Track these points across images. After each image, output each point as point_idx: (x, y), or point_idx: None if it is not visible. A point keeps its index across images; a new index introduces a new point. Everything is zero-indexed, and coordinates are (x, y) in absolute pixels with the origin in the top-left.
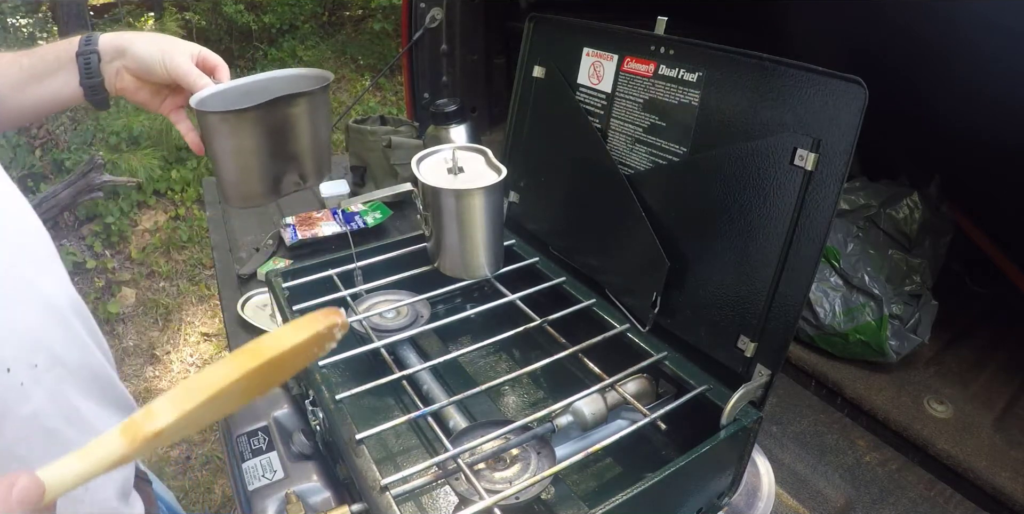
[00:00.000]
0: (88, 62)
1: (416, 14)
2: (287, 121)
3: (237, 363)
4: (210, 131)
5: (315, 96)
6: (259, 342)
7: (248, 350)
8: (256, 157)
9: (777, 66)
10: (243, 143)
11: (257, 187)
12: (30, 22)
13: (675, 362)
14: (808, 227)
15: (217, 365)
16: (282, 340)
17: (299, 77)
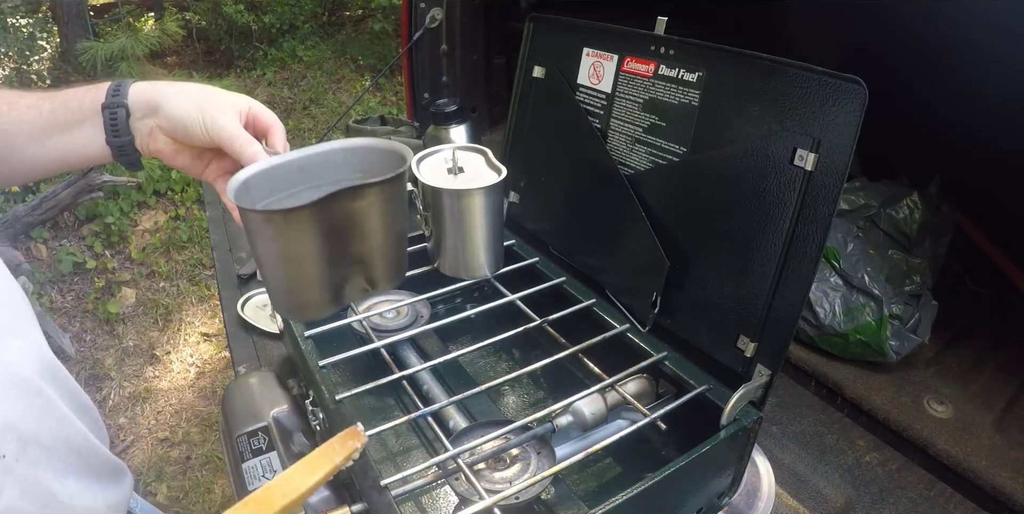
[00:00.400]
0: (115, 117)
1: (416, 14)
2: (352, 217)
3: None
4: (253, 230)
5: (388, 185)
6: (268, 489)
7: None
8: (312, 262)
9: (777, 66)
10: (294, 247)
11: (313, 297)
12: (30, 22)
13: (675, 362)
14: (808, 227)
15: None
16: (294, 485)
17: (367, 150)
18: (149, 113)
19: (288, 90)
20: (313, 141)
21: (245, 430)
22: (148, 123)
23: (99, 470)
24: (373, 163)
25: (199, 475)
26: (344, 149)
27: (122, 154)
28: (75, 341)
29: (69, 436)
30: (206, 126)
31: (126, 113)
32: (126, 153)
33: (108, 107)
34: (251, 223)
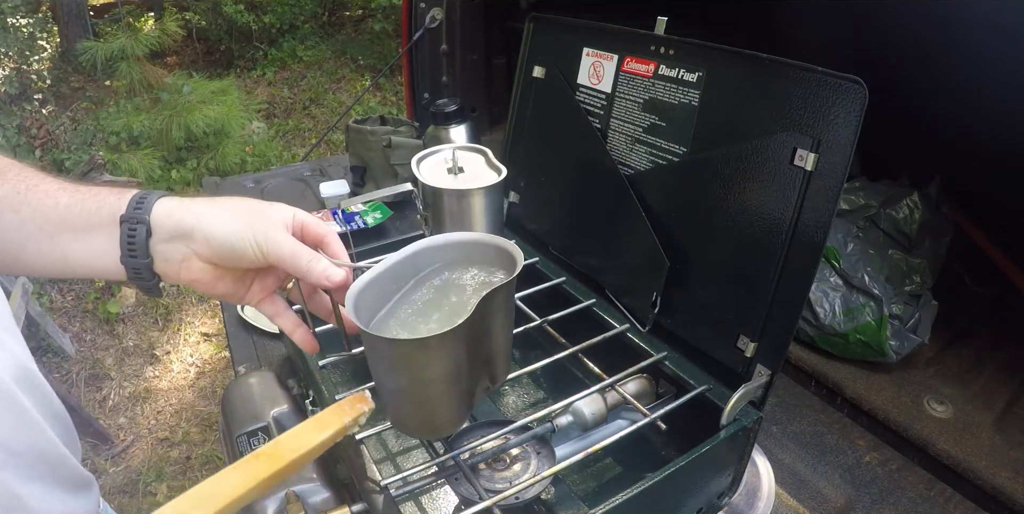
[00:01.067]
0: (133, 234)
1: (416, 14)
2: (484, 322)
3: (252, 471)
4: (396, 360)
5: (511, 284)
6: (278, 444)
7: (265, 454)
8: (452, 380)
9: (777, 66)
10: (444, 366)
11: (456, 412)
12: (30, 22)
13: (675, 362)
14: (808, 227)
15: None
16: (303, 441)
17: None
18: (179, 237)
19: (288, 90)
20: (313, 141)
21: (245, 430)
22: (178, 249)
23: (67, 479)
24: (473, 256)
25: (199, 475)
26: (430, 248)
27: (138, 277)
28: (75, 341)
29: (39, 444)
30: (259, 246)
31: (146, 232)
32: (143, 277)
33: (127, 221)
34: (400, 353)
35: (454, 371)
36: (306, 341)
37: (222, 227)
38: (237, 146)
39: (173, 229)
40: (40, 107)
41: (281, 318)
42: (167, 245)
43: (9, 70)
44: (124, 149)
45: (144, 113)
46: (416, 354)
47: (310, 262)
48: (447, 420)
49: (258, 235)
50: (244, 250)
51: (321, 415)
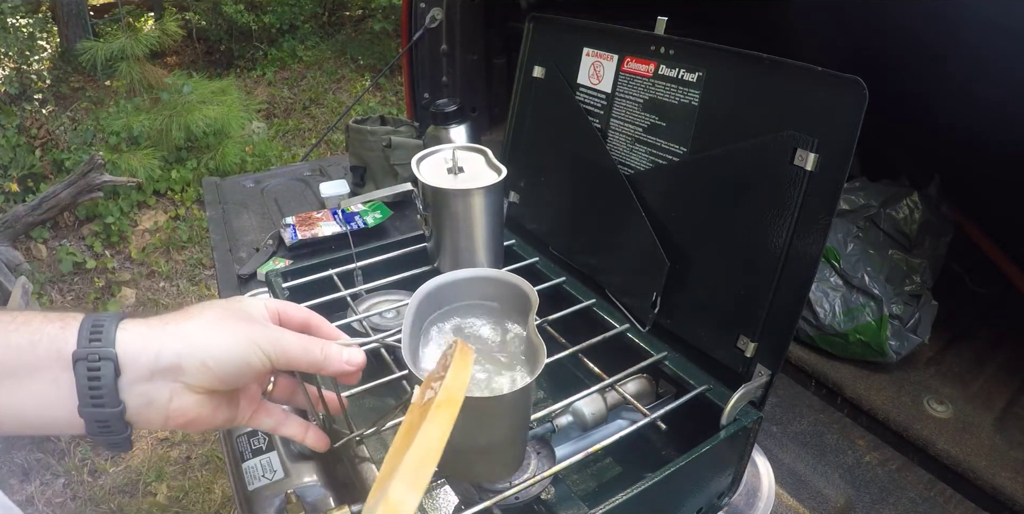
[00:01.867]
0: (96, 377)
1: (416, 14)
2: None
3: (445, 418)
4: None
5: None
6: (447, 390)
7: (445, 402)
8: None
9: (777, 66)
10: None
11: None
12: (30, 22)
13: (675, 362)
14: (808, 227)
15: (427, 428)
16: (461, 381)
17: (472, 281)
18: (162, 372)
19: (288, 90)
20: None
21: (245, 430)
22: (164, 387)
23: None
24: (489, 293)
25: (199, 475)
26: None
27: (103, 430)
28: None
29: None
30: (267, 353)
31: (114, 371)
32: (110, 429)
33: (83, 359)
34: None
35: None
36: (320, 438)
37: (220, 346)
38: (237, 146)
39: (152, 364)
40: (40, 107)
41: (287, 426)
42: (147, 385)
43: (9, 70)
44: (124, 149)
45: (144, 113)
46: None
47: (324, 350)
48: (511, 466)
49: (261, 342)
50: (252, 363)
51: (456, 358)
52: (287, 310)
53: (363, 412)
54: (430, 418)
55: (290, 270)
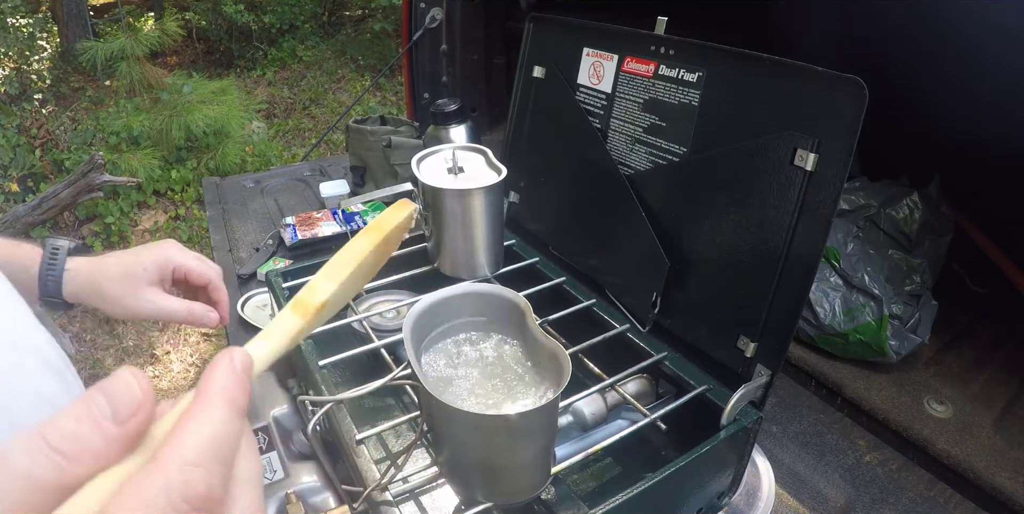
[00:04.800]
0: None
1: (416, 14)
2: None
3: (369, 238)
4: (477, 430)
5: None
6: (377, 220)
7: (372, 227)
8: (549, 444)
9: (777, 66)
10: (547, 432)
11: (542, 472)
12: (30, 22)
13: (675, 362)
14: (808, 227)
15: (354, 241)
16: (392, 218)
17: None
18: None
19: (288, 90)
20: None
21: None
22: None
23: None
24: (467, 308)
25: None
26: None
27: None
28: (75, 341)
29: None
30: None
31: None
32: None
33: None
34: (473, 424)
35: (551, 438)
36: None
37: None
38: (237, 146)
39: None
40: (40, 107)
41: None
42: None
43: (9, 70)
44: (124, 149)
45: (144, 113)
46: (501, 428)
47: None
48: (531, 484)
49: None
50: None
51: (394, 207)
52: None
53: (363, 413)
54: (359, 235)
55: (290, 270)
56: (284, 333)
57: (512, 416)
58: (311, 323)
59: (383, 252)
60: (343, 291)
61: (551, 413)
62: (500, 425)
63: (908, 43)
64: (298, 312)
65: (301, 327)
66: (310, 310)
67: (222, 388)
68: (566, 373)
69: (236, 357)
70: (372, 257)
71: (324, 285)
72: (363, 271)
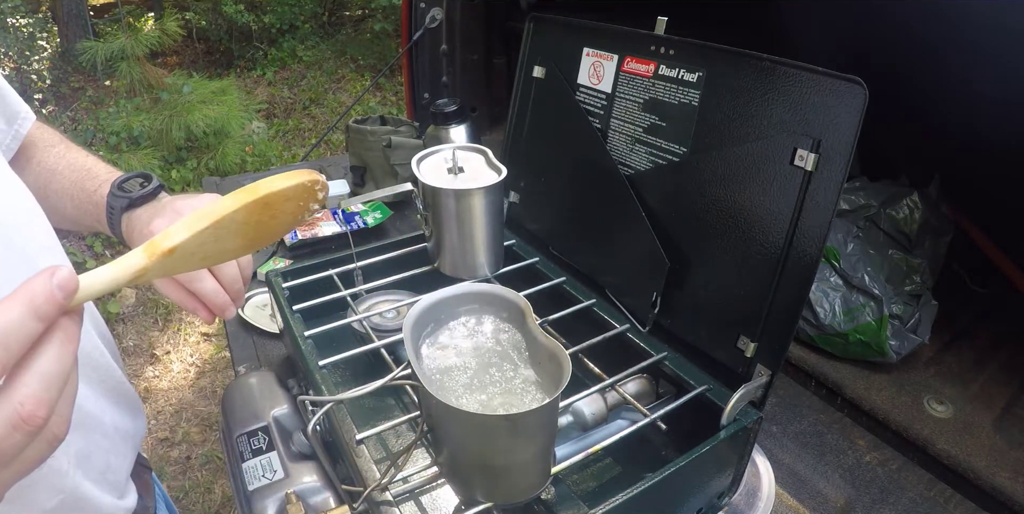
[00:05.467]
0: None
1: (416, 14)
2: None
3: (237, 197)
4: (482, 431)
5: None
6: (256, 183)
7: (246, 189)
8: (551, 444)
9: (777, 66)
10: (532, 439)
11: (544, 474)
12: (30, 22)
13: (675, 362)
14: (808, 227)
15: (221, 199)
16: (274, 183)
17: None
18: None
19: (288, 90)
20: (313, 141)
21: (245, 430)
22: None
23: (114, 392)
24: (492, 306)
25: (199, 475)
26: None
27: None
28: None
29: (85, 348)
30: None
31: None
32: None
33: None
34: (473, 424)
35: (550, 439)
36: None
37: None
38: (237, 146)
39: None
40: (40, 107)
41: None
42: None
43: (9, 70)
44: (124, 149)
45: (144, 113)
46: (505, 429)
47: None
48: (531, 484)
49: None
50: None
51: (284, 174)
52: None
53: (363, 413)
54: (230, 193)
55: (290, 270)
56: (125, 266)
57: (512, 416)
58: (156, 265)
59: (266, 215)
60: (201, 244)
61: (551, 413)
62: (500, 425)
63: (908, 43)
64: (147, 251)
65: (144, 265)
66: (157, 251)
67: (25, 291)
68: (566, 373)
69: (58, 273)
70: (242, 217)
71: (179, 231)
72: (230, 229)
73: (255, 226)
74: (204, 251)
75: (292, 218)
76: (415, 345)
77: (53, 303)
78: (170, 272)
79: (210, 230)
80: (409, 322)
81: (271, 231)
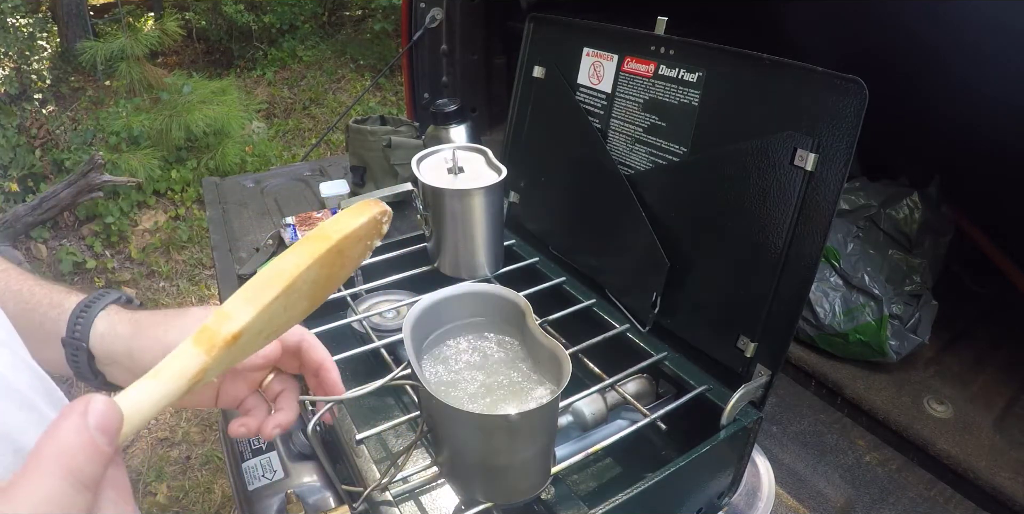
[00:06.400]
0: (76, 359)
1: (416, 14)
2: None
3: (308, 249)
4: (483, 431)
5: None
6: (323, 228)
7: (314, 236)
8: (551, 443)
9: (777, 66)
10: (533, 437)
11: (541, 476)
12: (30, 22)
13: (675, 362)
14: (808, 227)
15: (286, 254)
16: (345, 223)
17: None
18: (111, 361)
19: (288, 90)
20: (313, 141)
21: None
22: (121, 372)
23: None
24: (489, 308)
25: (199, 475)
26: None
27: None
28: None
29: None
30: None
31: (87, 356)
32: (97, 390)
33: (68, 345)
34: (473, 424)
35: (551, 438)
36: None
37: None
38: (237, 146)
39: (105, 356)
40: (40, 107)
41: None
42: (110, 368)
43: (9, 70)
44: (124, 149)
45: (144, 113)
46: (505, 428)
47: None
48: (531, 484)
49: None
50: None
51: (351, 208)
52: (310, 346)
53: (363, 412)
54: (292, 247)
55: None
56: (180, 373)
57: (512, 416)
58: (219, 359)
59: (336, 266)
60: (269, 318)
61: (551, 413)
62: (500, 425)
63: (908, 43)
64: (202, 344)
65: (204, 364)
66: (217, 342)
67: (60, 453)
68: (566, 373)
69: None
70: (314, 273)
71: (239, 310)
72: (302, 292)
73: (325, 280)
74: (271, 326)
75: (359, 261)
76: (416, 346)
77: (98, 459)
78: (232, 363)
79: (279, 300)
80: (409, 322)
81: (337, 281)
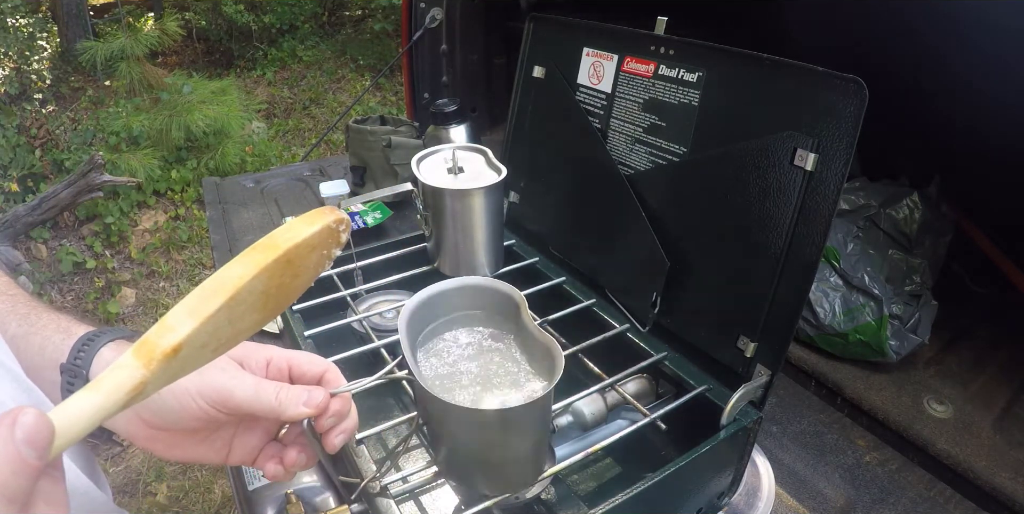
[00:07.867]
0: (71, 388)
1: (416, 14)
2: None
3: (253, 259)
4: (480, 427)
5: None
6: (272, 236)
7: (261, 245)
8: (546, 436)
9: (777, 66)
10: (529, 431)
11: (535, 467)
12: (30, 22)
13: (675, 362)
14: (808, 227)
15: (230, 264)
16: (296, 232)
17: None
18: None
19: (288, 90)
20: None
21: None
22: (122, 415)
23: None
24: (458, 301)
25: (199, 475)
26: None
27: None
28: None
29: (72, 483)
30: (207, 400)
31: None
32: (93, 433)
33: (66, 372)
34: (474, 419)
35: (546, 429)
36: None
37: (159, 394)
38: (237, 146)
39: None
40: (40, 107)
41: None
42: None
43: (9, 70)
44: (124, 149)
45: (144, 113)
46: (501, 422)
47: (280, 395)
48: (531, 475)
49: (201, 389)
50: (189, 410)
51: (305, 216)
52: (298, 363)
53: (362, 413)
54: (239, 256)
55: None
56: (117, 386)
57: (505, 410)
58: (158, 373)
59: (288, 275)
60: (213, 331)
61: (545, 407)
62: (494, 419)
63: (909, 43)
64: (141, 357)
65: (143, 378)
66: (156, 355)
67: None
68: (559, 367)
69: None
70: (261, 284)
71: (180, 320)
72: (248, 303)
73: (276, 292)
74: (217, 339)
75: (315, 272)
76: (411, 341)
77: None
78: (176, 377)
79: (223, 311)
80: (404, 317)
81: (291, 293)
